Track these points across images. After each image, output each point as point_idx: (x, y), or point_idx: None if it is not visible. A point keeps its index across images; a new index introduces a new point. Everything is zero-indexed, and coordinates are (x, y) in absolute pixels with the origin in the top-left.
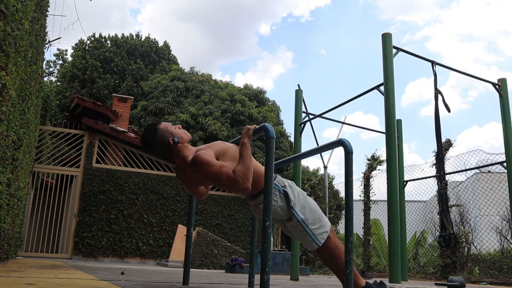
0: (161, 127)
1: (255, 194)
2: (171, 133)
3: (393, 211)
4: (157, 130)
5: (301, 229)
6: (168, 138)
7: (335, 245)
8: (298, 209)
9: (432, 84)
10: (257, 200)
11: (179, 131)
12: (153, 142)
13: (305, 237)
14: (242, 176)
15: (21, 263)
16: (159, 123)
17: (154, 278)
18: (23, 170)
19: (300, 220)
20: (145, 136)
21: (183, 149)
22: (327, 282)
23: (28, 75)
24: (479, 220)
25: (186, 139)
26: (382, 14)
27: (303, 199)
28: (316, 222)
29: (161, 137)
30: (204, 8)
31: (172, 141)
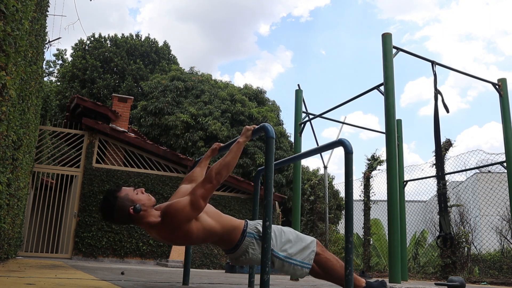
0: (121, 195)
1: (231, 248)
2: (131, 201)
3: (393, 211)
4: (117, 198)
5: (288, 265)
6: (129, 207)
7: (325, 258)
8: (278, 249)
9: (432, 84)
10: (236, 253)
11: (140, 197)
12: (112, 212)
13: (294, 269)
14: (216, 169)
15: (21, 263)
16: (119, 190)
17: (154, 278)
18: (23, 170)
19: (283, 258)
20: (104, 206)
21: (145, 215)
22: (326, 283)
23: (28, 75)
24: (479, 220)
25: (149, 204)
26: (381, 14)
27: (279, 234)
28: (298, 251)
29: (121, 206)
30: (203, 8)
31: (133, 210)
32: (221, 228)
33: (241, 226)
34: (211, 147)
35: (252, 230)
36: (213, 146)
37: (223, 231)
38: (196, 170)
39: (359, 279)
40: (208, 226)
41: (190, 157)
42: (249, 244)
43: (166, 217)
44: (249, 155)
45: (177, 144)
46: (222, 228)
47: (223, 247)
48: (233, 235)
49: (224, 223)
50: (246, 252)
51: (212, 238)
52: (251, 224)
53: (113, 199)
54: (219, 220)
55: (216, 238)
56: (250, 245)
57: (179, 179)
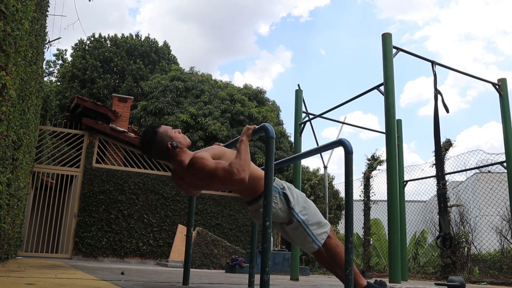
0: (161, 131)
1: (253, 199)
2: (170, 137)
3: (393, 211)
4: (157, 133)
5: (302, 230)
6: (167, 142)
7: (335, 244)
8: (298, 210)
9: (432, 84)
10: (256, 204)
11: (178, 136)
12: (151, 144)
13: (305, 239)
14: (238, 167)
15: (21, 263)
16: (159, 126)
17: (154, 278)
18: (23, 170)
19: (301, 221)
20: (144, 138)
21: (181, 153)
22: (327, 282)
23: (28, 75)
24: (479, 220)
25: (185, 144)
26: (381, 14)
27: (302, 200)
28: (315, 223)
29: (160, 140)
30: (202, 8)
31: (171, 145)
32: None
33: None
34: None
35: (278, 185)
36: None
37: (250, 179)
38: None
39: (361, 277)
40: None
41: None
42: None
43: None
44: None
45: None
46: (253, 175)
47: (246, 197)
48: (258, 185)
49: (252, 171)
50: None
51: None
52: (278, 180)
53: (153, 133)
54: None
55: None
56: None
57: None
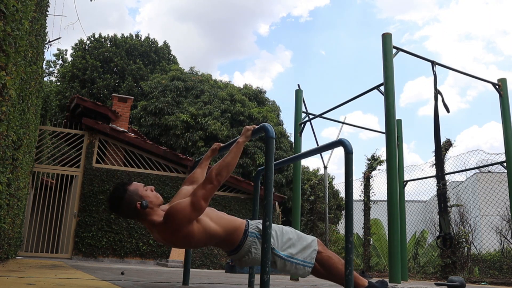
0: (131, 189)
1: (234, 249)
2: (140, 196)
3: (393, 211)
4: (126, 191)
5: (289, 264)
6: (136, 201)
7: (327, 257)
8: (280, 248)
9: (432, 84)
10: (239, 254)
11: (149, 194)
12: (119, 203)
13: (296, 268)
14: (216, 170)
15: (21, 263)
16: (129, 184)
17: (154, 278)
18: (23, 170)
19: (285, 258)
20: (113, 196)
21: (151, 213)
22: (327, 282)
23: (28, 75)
24: (479, 220)
25: (156, 203)
26: (381, 14)
27: (280, 234)
28: (300, 250)
29: (129, 199)
30: (202, 8)
31: (140, 205)
32: (223, 231)
33: (243, 226)
34: (211, 148)
35: (254, 229)
36: (213, 147)
37: (225, 233)
38: (196, 171)
39: (361, 278)
40: (209, 229)
41: (190, 157)
42: (252, 244)
43: (167, 218)
44: (249, 155)
45: (177, 144)
46: (224, 230)
47: (226, 248)
48: (235, 236)
49: (226, 225)
50: (249, 252)
51: (214, 240)
52: (253, 223)
53: (123, 191)
54: (220, 222)
55: (218, 240)
56: (252, 245)
57: (179, 179)
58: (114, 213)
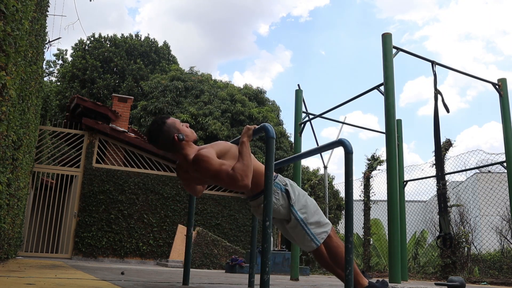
0: (169, 122)
1: (256, 194)
2: (177, 129)
3: (393, 211)
4: (165, 123)
5: (300, 228)
6: (174, 133)
7: (337, 244)
8: (298, 208)
9: (432, 84)
10: (258, 200)
11: (185, 130)
12: (158, 134)
13: (304, 237)
14: (241, 173)
15: (21, 263)
16: (167, 117)
17: (154, 278)
18: (23, 170)
19: (299, 219)
20: (152, 128)
21: (186, 147)
22: (327, 282)
23: (28, 75)
24: (479, 220)
25: (191, 138)
26: (381, 13)
27: (303, 199)
28: (315, 222)
29: (167, 131)
30: (202, 7)
31: (177, 137)
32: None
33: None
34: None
35: (281, 182)
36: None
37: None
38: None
39: (362, 277)
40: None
41: None
42: (274, 193)
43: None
44: None
45: None
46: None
47: (248, 192)
48: (260, 180)
49: (254, 167)
50: None
51: None
52: (281, 177)
53: (162, 123)
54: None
55: None
56: (274, 195)
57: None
58: (152, 144)
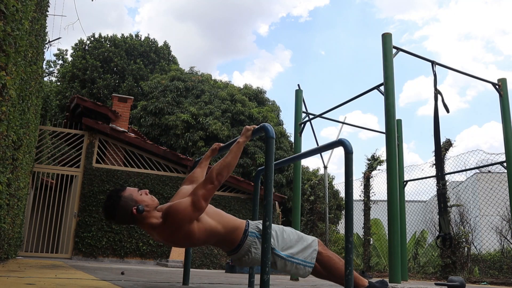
0: (125, 195)
1: (233, 249)
2: (135, 201)
3: (393, 211)
4: (120, 198)
5: (290, 264)
6: (132, 207)
7: (328, 257)
8: (280, 248)
9: (432, 84)
10: (238, 254)
11: (144, 198)
12: (114, 210)
13: (297, 268)
14: (216, 171)
15: (21, 263)
16: (123, 190)
17: (154, 278)
18: (23, 170)
19: (286, 258)
20: (107, 204)
21: (148, 216)
22: (327, 282)
23: (28, 75)
24: (479, 220)
25: (152, 205)
26: (380, 13)
27: (280, 234)
28: (301, 250)
29: (124, 205)
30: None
31: (136, 210)
32: (223, 228)
33: (243, 226)
34: (211, 147)
35: (254, 229)
36: (213, 146)
37: (225, 232)
38: (196, 171)
39: (361, 278)
40: (209, 227)
41: (190, 157)
42: (252, 243)
43: (167, 218)
44: (249, 155)
45: (177, 144)
46: (224, 228)
47: (225, 248)
48: (235, 235)
49: (226, 223)
50: (249, 252)
51: (214, 239)
52: (253, 223)
53: (117, 198)
54: (221, 220)
55: (218, 238)
56: (252, 245)
57: (179, 179)
58: (111, 221)
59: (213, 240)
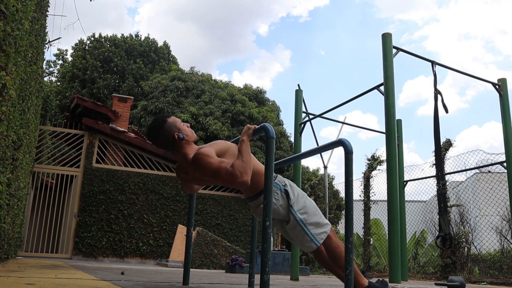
0: (170, 121)
1: (255, 195)
2: (178, 128)
3: (393, 211)
4: (165, 122)
5: (299, 229)
6: (174, 132)
7: (336, 244)
8: (297, 209)
9: (432, 84)
10: (258, 200)
11: (186, 129)
12: (158, 132)
13: (303, 237)
14: (240, 169)
15: (21, 263)
16: (169, 116)
17: (154, 278)
18: (23, 170)
19: (299, 220)
20: (152, 126)
21: (186, 146)
22: (327, 282)
23: (28, 75)
24: (479, 220)
25: (191, 138)
26: (380, 13)
27: (302, 199)
28: (314, 223)
29: (168, 129)
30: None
31: (178, 136)
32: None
33: None
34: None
35: (280, 182)
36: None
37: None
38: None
39: (362, 277)
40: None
41: None
42: (273, 193)
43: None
44: None
45: None
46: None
47: (247, 192)
48: (259, 181)
49: (253, 167)
50: None
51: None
52: (281, 177)
53: (163, 121)
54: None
55: None
56: (273, 195)
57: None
58: (152, 142)
59: None
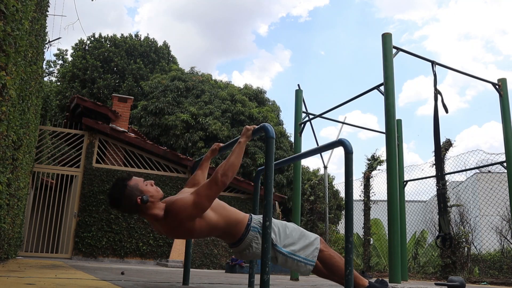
0: (131, 184)
1: (235, 242)
2: (140, 191)
3: (393, 211)
4: (126, 187)
5: (291, 261)
6: (137, 196)
7: (329, 255)
8: (282, 245)
9: (432, 84)
10: (240, 247)
11: (149, 189)
12: (120, 200)
13: (298, 265)
14: (221, 171)
15: (21, 263)
16: (129, 179)
17: (154, 278)
18: (23, 170)
19: (287, 254)
20: (112, 192)
21: (151, 207)
22: (327, 282)
23: (28, 75)
24: (479, 220)
25: (156, 197)
26: (380, 13)
27: (284, 232)
28: (302, 248)
29: (129, 194)
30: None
31: (141, 200)
32: (225, 223)
33: (245, 220)
34: (211, 148)
35: (256, 224)
36: (212, 147)
37: (227, 225)
38: (197, 173)
39: (361, 278)
40: (211, 222)
41: (190, 157)
42: (253, 238)
43: (169, 213)
44: (250, 155)
45: (177, 144)
46: (226, 223)
47: (227, 240)
48: (237, 229)
49: (228, 217)
50: (250, 246)
51: (216, 232)
52: (256, 218)
53: (123, 186)
54: (223, 214)
55: (220, 232)
56: (254, 239)
57: (179, 179)
58: (115, 209)
59: (215, 233)
